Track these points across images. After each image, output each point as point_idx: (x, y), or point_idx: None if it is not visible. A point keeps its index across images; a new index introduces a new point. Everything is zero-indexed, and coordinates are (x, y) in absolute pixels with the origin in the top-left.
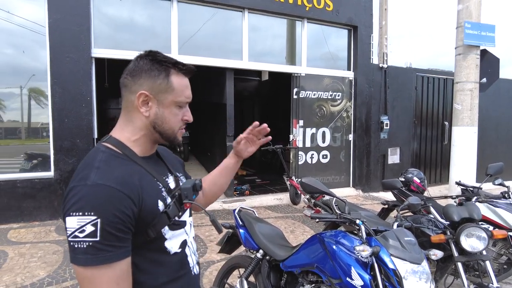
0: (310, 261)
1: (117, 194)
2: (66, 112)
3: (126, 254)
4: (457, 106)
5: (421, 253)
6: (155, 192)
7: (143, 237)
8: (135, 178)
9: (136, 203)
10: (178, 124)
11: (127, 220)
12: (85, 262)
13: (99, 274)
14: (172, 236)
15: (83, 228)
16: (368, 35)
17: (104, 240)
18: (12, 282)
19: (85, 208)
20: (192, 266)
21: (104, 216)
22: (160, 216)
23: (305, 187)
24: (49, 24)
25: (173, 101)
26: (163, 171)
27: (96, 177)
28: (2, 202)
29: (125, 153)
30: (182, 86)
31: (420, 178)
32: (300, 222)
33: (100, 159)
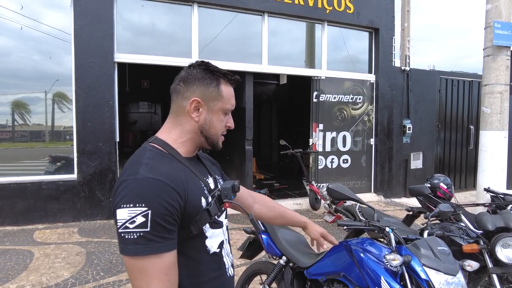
0: (336, 269)
1: (166, 187)
2: (89, 115)
3: (174, 246)
4: (485, 110)
5: (455, 263)
6: (198, 190)
7: (185, 233)
8: (181, 174)
9: (182, 197)
10: (222, 130)
11: (174, 212)
12: (136, 252)
13: (149, 264)
14: (212, 235)
15: (134, 219)
16: (389, 37)
17: (154, 231)
18: (38, 282)
19: (136, 200)
20: (227, 267)
21: (154, 208)
22: (203, 213)
23: (332, 193)
24: (74, 30)
25: (221, 108)
26: (203, 172)
27: (145, 172)
28: (28, 203)
29: (171, 153)
30: (229, 95)
31: (447, 184)
32: None
33: (148, 157)
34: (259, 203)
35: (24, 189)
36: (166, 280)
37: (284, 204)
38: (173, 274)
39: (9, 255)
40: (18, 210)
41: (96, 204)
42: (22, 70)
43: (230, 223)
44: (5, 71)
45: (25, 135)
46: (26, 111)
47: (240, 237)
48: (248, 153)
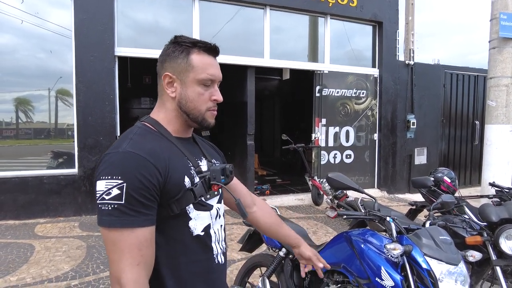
0: (336, 261)
1: (144, 162)
2: (90, 110)
3: (150, 222)
4: (490, 103)
5: (458, 253)
6: (183, 168)
7: (166, 211)
8: (165, 152)
9: (161, 173)
10: (205, 104)
11: (151, 187)
12: (109, 224)
13: (122, 237)
14: (197, 216)
15: (110, 190)
16: (393, 31)
17: (128, 204)
18: (38, 275)
19: (113, 172)
20: (216, 253)
21: (130, 181)
22: (185, 193)
23: (331, 182)
24: (74, 24)
25: (194, 79)
26: (196, 153)
27: (127, 146)
28: (30, 197)
29: (160, 131)
30: (203, 64)
31: (451, 177)
32: (323, 223)
33: (135, 132)
34: (258, 207)
35: (25, 184)
36: (139, 255)
37: (286, 199)
38: (147, 250)
39: (10, 248)
40: (19, 204)
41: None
42: (26, 68)
43: (231, 218)
44: (9, 69)
45: (29, 133)
46: (30, 108)
47: (241, 231)
48: (250, 148)
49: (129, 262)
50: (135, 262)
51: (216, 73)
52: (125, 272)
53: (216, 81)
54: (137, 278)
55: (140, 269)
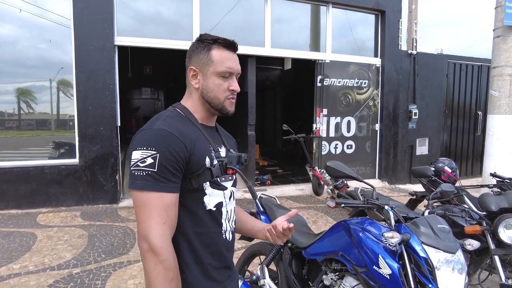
0: (334, 249)
1: (175, 138)
2: (90, 100)
3: (176, 190)
4: (493, 93)
5: (455, 241)
6: (206, 150)
7: (186, 185)
8: (192, 133)
9: (188, 150)
10: (224, 94)
11: (180, 160)
12: (142, 187)
13: (152, 199)
14: (212, 193)
15: (145, 159)
16: (396, 20)
17: (160, 172)
18: (40, 263)
19: (148, 144)
20: (225, 230)
21: (163, 153)
22: (205, 171)
23: (330, 171)
24: (73, 13)
25: (214, 72)
26: (217, 140)
27: (161, 125)
28: (31, 187)
29: (188, 116)
30: (222, 58)
31: (452, 168)
32: (323, 213)
33: (167, 115)
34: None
35: (27, 173)
36: (165, 216)
37: (287, 189)
38: (172, 212)
39: (13, 237)
40: (21, 194)
41: (98, 188)
42: (28, 59)
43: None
44: (11, 60)
45: (31, 123)
46: (32, 99)
47: None
48: (251, 139)
49: (156, 220)
50: (161, 221)
51: (233, 66)
52: (152, 229)
53: (235, 73)
54: (162, 234)
55: (165, 227)
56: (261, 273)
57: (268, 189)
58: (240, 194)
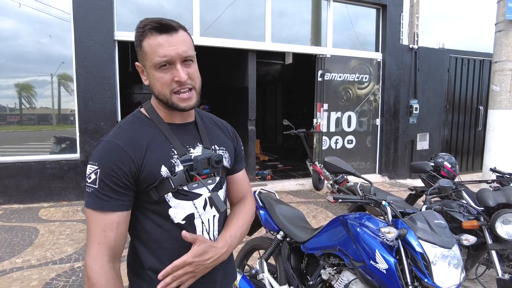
0: (332, 244)
1: (119, 151)
2: (91, 95)
3: (121, 208)
4: (494, 88)
5: (452, 237)
6: (163, 157)
7: (147, 197)
8: (145, 140)
9: (136, 161)
10: (168, 88)
11: (122, 175)
12: (86, 204)
13: (93, 217)
14: (177, 205)
15: (90, 175)
16: (397, 14)
17: (100, 189)
18: (42, 257)
19: (94, 159)
20: None
21: (103, 168)
22: (163, 181)
23: (328, 167)
24: (73, 7)
25: (150, 66)
26: (190, 140)
27: (112, 134)
28: (33, 182)
29: (152, 117)
30: (153, 47)
31: (451, 163)
32: (323, 207)
33: (127, 121)
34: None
35: (29, 168)
36: (102, 236)
37: (287, 184)
38: (112, 232)
39: (15, 232)
40: (23, 189)
41: None
42: (29, 53)
43: None
44: (12, 55)
45: (33, 118)
46: (33, 94)
47: None
48: (251, 134)
49: (93, 240)
50: (97, 241)
51: (167, 52)
52: (88, 249)
53: (175, 61)
54: (96, 255)
55: (100, 248)
56: (260, 267)
57: (268, 184)
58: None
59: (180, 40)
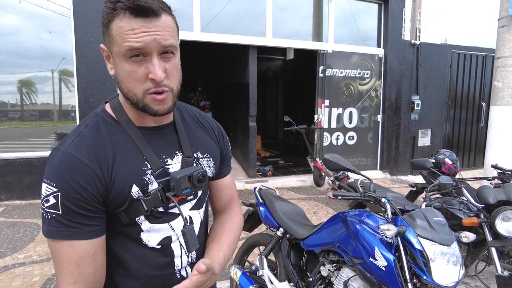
0: (332, 241)
1: (84, 168)
2: (91, 91)
3: (93, 235)
4: (497, 84)
5: (451, 234)
6: (133, 174)
7: (115, 219)
8: (110, 151)
9: (103, 180)
10: (140, 86)
11: (90, 198)
12: (47, 234)
13: (61, 250)
14: (150, 229)
15: (48, 198)
16: (399, 9)
17: (66, 215)
18: (44, 253)
19: (51, 177)
20: (179, 268)
21: (65, 191)
22: (133, 203)
23: (327, 164)
24: (73, 3)
25: (119, 53)
26: (167, 148)
27: (70, 144)
28: (35, 178)
29: (120, 119)
30: (123, 31)
31: (453, 159)
32: (324, 204)
33: (88, 123)
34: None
35: (30, 165)
36: (77, 272)
37: (288, 180)
38: (88, 266)
39: (17, 228)
40: (25, 185)
41: None
42: (30, 49)
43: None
44: (14, 50)
45: (34, 114)
46: (33, 90)
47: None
48: (252, 130)
49: (65, 278)
50: (71, 280)
51: (141, 39)
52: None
53: (151, 52)
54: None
55: (76, 287)
56: (260, 263)
57: (269, 180)
58: (241, 185)
59: (161, 26)
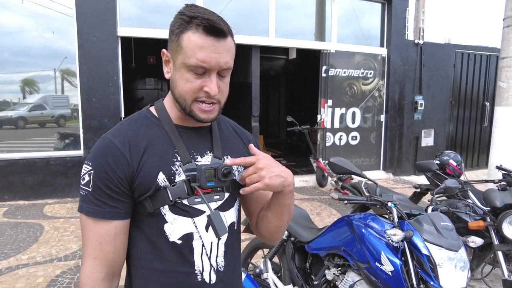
0: (337, 244)
1: (114, 150)
2: (94, 91)
3: (116, 216)
4: (501, 84)
5: (458, 239)
6: (162, 163)
7: (141, 208)
8: (144, 141)
9: (130, 164)
10: (193, 95)
11: (117, 179)
12: (80, 209)
13: (87, 226)
14: (174, 221)
15: (84, 176)
16: (403, 8)
17: (95, 193)
18: (48, 254)
19: (89, 158)
20: (200, 270)
21: (97, 169)
22: (159, 191)
23: (333, 167)
24: (76, 3)
25: (182, 63)
26: (199, 146)
27: (111, 132)
28: (38, 179)
29: (160, 116)
30: (194, 46)
31: (457, 161)
32: (327, 204)
33: (130, 118)
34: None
35: (33, 165)
36: (98, 248)
37: None
38: (108, 245)
39: (20, 228)
40: (28, 185)
41: None
42: (33, 48)
43: None
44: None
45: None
46: (36, 89)
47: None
48: (255, 130)
49: (89, 253)
50: (92, 255)
51: (209, 59)
52: (83, 263)
53: (213, 70)
54: (91, 272)
55: (95, 263)
56: (264, 266)
57: None
58: None
59: (226, 48)
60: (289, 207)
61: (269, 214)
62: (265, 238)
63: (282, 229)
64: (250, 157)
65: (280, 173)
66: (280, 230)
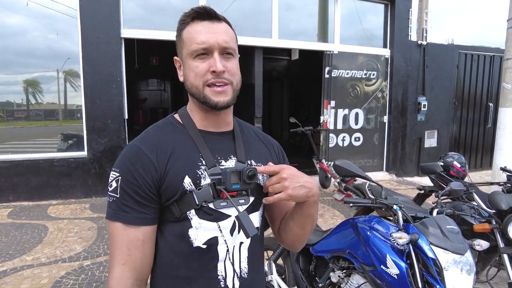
0: (342, 247)
1: (141, 155)
2: (97, 93)
3: (144, 222)
4: (505, 85)
5: (464, 242)
6: (188, 167)
7: (167, 214)
8: (170, 146)
9: (158, 170)
10: (201, 78)
11: (145, 185)
12: (107, 215)
13: (116, 231)
14: (199, 225)
15: (111, 183)
16: (406, 9)
17: (122, 199)
18: (52, 255)
19: (116, 165)
20: (223, 275)
21: (124, 175)
22: (185, 195)
23: (338, 170)
24: (79, 4)
25: (187, 55)
26: (223, 151)
27: (137, 139)
28: (42, 180)
29: (184, 122)
30: (191, 34)
31: (461, 162)
32: (330, 206)
33: (156, 124)
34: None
35: (37, 166)
36: (126, 254)
37: None
38: (137, 251)
39: (25, 229)
40: (32, 186)
41: (106, 181)
42: (37, 49)
43: None
44: (19, 50)
45: (39, 114)
46: (40, 89)
47: None
48: None
49: (117, 259)
50: (121, 261)
51: (206, 39)
52: (111, 269)
53: (213, 50)
54: (118, 278)
55: (124, 269)
56: (268, 268)
57: None
58: None
59: (222, 29)
60: (312, 217)
61: (291, 223)
62: (287, 245)
63: (304, 238)
64: (274, 166)
65: (304, 183)
66: (302, 239)
